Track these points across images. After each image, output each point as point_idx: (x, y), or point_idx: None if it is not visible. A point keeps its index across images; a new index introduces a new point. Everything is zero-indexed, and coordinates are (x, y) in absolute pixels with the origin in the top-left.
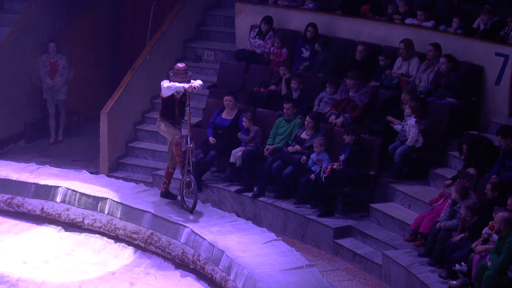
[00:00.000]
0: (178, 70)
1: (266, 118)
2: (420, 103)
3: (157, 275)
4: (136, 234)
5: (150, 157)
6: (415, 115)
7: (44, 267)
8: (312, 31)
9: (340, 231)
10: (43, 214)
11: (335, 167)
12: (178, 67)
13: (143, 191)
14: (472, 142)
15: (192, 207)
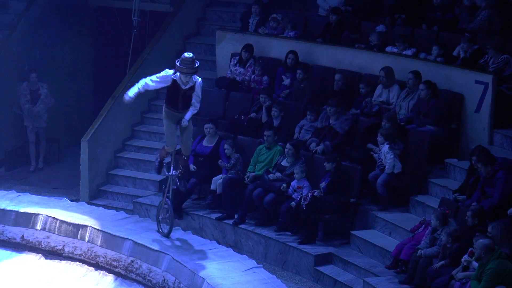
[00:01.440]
0: (184, 60)
1: (247, 146)
2: (391, 130)
3: None
4: (116, 262)
5: (130, 185)
6: (388, 142)
7: None
8: (293, 58)
9: (321, 258)
10: (23, 242)
11: (315, 194)
12: (184, 56)
13: (124, 218)
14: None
15: (168, 232)
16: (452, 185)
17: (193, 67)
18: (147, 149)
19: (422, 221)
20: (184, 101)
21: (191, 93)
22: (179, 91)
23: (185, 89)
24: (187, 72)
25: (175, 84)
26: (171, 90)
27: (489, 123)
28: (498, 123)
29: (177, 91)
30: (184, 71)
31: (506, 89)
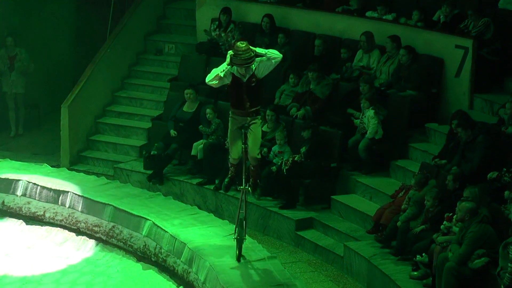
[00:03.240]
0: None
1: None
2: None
3: (119, 268)
4: (97, 227)
5: (111, 150)
6: (373, 106)
7: (6, 260)
8: (267, 22)
9: (302, 223)
10: (4, 208)
11: (296, 159)
12: (236, 46)
13: (105, 184)
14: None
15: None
16: (432, 149)
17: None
18: (127, 114)
19: (402, 186)
20: (250, 96)
21: (255, 84)
22: (241, 86)
23: (246, 81)
24: (242, 64)
25: (235, 79)
26: (233, 87)
27: (469, 88)
28: (478, 87)
29: (240, 86)
30: (238, 62)
31: (486, 54)
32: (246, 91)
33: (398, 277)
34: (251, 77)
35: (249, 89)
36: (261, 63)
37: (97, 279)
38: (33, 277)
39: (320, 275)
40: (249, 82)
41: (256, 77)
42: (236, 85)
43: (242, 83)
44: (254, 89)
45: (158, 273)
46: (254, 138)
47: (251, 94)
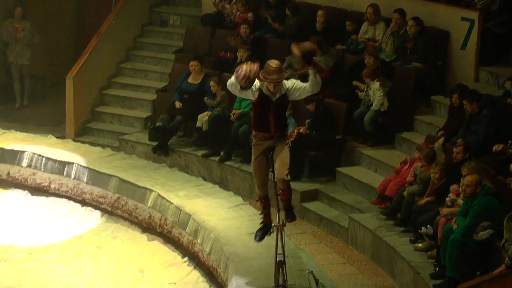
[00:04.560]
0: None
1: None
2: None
3: (124, 239)
4: (103, 198)
5: (116, 122)
6: (378, 79)
7: (11, 231)
8: None
9: (307, 195)
10: (10, 179)
11: (301, 131)
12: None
13: (110, 155)
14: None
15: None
16: (437, 122)
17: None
18: (132, 86)
19: (404, 161)
20: (277, 118)
21: (283, 105)
22: (268, 105)
23: (275, 100)
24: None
25: (262, 96)
26: (259, 106)
27: (475, 60)
28: (483, 60)
29: (266, 106)
30: (269, 79)
31: (492, 26)
32: (274, 112)
33: (402, 249)
34: (282, 98)
35: (277, 110)
36: (297, 87)
37: (102, 250)
38: (39, 248)
39: (324, 246)
40: (278, 102)
41: (286, 98)
42: (262, 104)
43: (270, 102)
44: (282, 111)
45: (163, 244)
46: (281, 158)
47: (278, 116)
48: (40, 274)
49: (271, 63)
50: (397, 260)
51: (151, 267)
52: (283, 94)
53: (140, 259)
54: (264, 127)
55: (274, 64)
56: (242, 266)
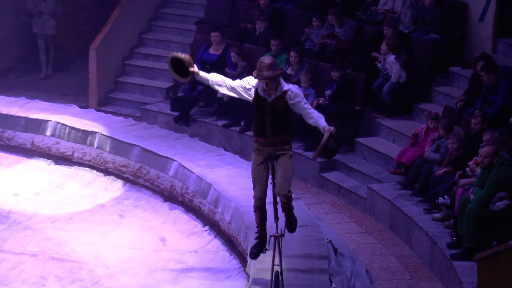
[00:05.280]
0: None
1: (253, 54)
2: (395, 39)
3: (146, 208)
4: (125, 168)
5: (138, 92)
6: (393, 52)
7: (35, 200)
8: None
9: (326, 165)
10: (34, 148)
11: (321, 102)
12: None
13: (132, 125)
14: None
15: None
16: (455, 93)
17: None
18: (154, 56)
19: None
20: (274, 121)
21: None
22: (264, 106)
23: (271, 101)
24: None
25: (258, 97)
26: (255, 106)
27: (492, 32)
28: (502, 31)
29: (262, 107)
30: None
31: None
32: (270, 113)
33: (420, 219)
34: (279, 100)
35: (274, 112)
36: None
37: (124, 218)
38: (62, 216)
39: (343, 216)
40: (274, 103)
41: (286, 103)
42: (258, 104)
43: (266, 104)
44: (280, 113)
45: (184, 213)
46: (283, 171)
47: (275, 119)
48: (63, 241)
49: (263, 59)
50: (415, 230)
51: (172, 235)
52: (280, 96)
53: (161, 228)
54: (262, 130)
55: (266, 60)
56: None
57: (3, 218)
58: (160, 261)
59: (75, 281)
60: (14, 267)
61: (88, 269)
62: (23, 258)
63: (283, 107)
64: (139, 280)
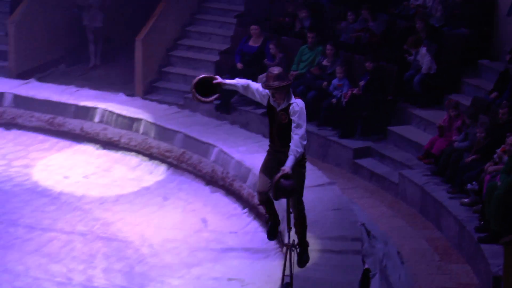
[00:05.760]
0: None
1: (291, 46)
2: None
3: (188, 191)
4: (169, 153)
5: (181, 81)
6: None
7: (84, 182)
8: None
9: (359, 151)
10: (83, 133)
11: (354, 92)
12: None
13: (175, 112)
14: None
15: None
16: (484, 84)
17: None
18: (197, 48)
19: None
20: (279, 132)
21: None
22: (273, 115)
23: (279, 110)
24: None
25: (269, 105)
26: (268, 113)
27: None
28: None
29: (271, 115)
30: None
31: None
32: (277, 123)
33: (449, 204)
34: (284, 111)
35: (279, 123)
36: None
37: (168, 200)
38: (109, 198)
39: (375, 200)
40: (281, 113)
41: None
42: (268, 113)
43: (275, 112)
44: (285, 125)
45: (225, 196)
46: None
47: (282, 129)
48: (110, 222)
49: (272, 69)
50: (444, 214)
51: (213, 217)
52: (287, 108)
53: (203, 210)
54: (271, 137)
55: (275, 70)
56: None
57: (54, 199)
58: (202, 241)
59: (121, 259)
60: (64, 246)
61: (134, 248)
62: (73, 237)
63: (288, 119)
64: (181, 259)
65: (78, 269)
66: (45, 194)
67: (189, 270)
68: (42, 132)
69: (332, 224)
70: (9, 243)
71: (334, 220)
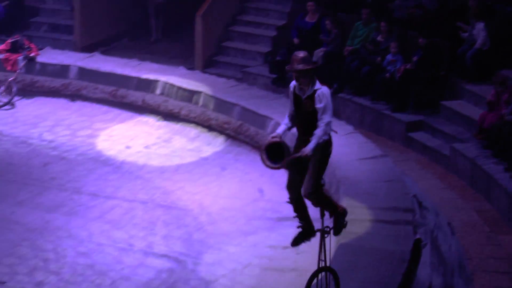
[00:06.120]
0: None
1: (346, 22)
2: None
3: (245, 161)
4: (227, 124)
5: (240, 56)
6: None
7: (145, 152)
8: None
9: (412, 125)
10: (144, 105)
11: (408, 67)
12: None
13: (234, 86)
14: None
15: None
16: None
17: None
18: (255, 23)
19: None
20: (305, 121)
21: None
22: (299, 103)
23: (304, 98)
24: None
25: (295, 94)
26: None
27: None
28: None
29: (298, 104)
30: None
31: None
32: (302, 112)
33: (499, 177)
34: (310, 99)
35: (304, 111)
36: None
37: (226, 170)
38: (170, 167)
39: (427, 173)
40: (306, 101)
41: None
42: (295, 103)
43: (300, 101)
44: (309, 114)
45: None
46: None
47: (306, 118)
48: (170, 190)
49: (297, 53)
50: (494, 187)
51: (269, 187)
52: (311, 95)
53: (259, 180)
54: (297, 129)
55: (300, 54)
56: (352, 188)
57: (117, 168)
58: (258, 210)
59: (180, 227)
60: (126, 213)
61: (193, 216)
62: (134, 205)
63: (312, 107)
64: (238, 227)
65: (139, 236)
66: (108, 163)
67: (246, 238)
68: (106, 104)
69: (384, 195)
70: (74, 210)
71: (386, 191)
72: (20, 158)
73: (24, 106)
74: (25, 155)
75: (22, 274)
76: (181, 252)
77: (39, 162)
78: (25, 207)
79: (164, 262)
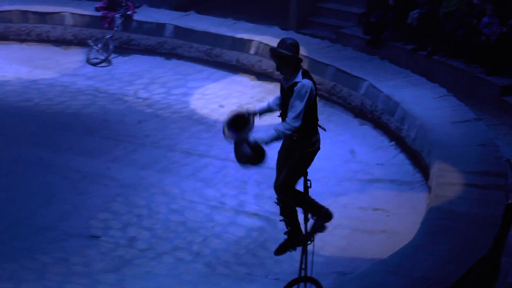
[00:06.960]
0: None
1: None
2: None
3: (338, 123)
4: (320, 85)
5: (334, 17)
6: None
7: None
8: None
9: (507, 89)
10: (238, 64)
11: (504, 30)
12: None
13: (328, 46)
14: None
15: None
16: None
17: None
18: None
19: None
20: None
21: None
22: (282, 92)
23: (286, 87)
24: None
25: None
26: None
27: None
28: None
29: (282, 93)
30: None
31: None
32: (283, 103)
33: None
34: (290, 90)
35: (285, 103)
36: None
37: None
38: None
39: None
40: (287, 93)
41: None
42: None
43: (283, 91)
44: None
45: (373, 128)
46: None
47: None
48: None
49: (286, 38)
50: None
51: (361, 149)
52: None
53: (351, 142)
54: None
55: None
56: (444, 152)
57: (210, 127)
58: (349, 171)
59: (271, 187)
60: (218, 171)
61: None
62: (226, 164)
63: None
64: (329, 188)
65: (231, 194)
66: (201, 121)
67: (336, 198)
68: (200, 63)
69: (476, 159)
70: (167, 167)
71: (479, 155)
72: (115, 115)
73: (120, 64)
74: (120, 112)
75: (115, 229)
76: (272, 211)
77: (133, 120)
78: (120, 164)
79: (254, 221)
